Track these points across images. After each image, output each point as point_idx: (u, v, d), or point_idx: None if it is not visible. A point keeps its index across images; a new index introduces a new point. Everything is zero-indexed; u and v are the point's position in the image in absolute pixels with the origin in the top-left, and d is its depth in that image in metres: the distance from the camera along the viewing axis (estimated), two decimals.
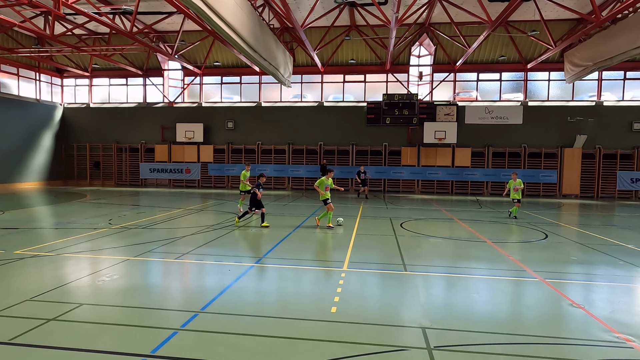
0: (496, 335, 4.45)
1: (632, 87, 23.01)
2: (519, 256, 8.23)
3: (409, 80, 24.58)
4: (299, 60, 24.78)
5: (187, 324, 4.58)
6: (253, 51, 15.81)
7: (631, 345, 4.23)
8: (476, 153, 23.83)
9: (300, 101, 25.55)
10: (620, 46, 15.97)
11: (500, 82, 23.92)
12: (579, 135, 22.63)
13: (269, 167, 25.22)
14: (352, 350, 4.02)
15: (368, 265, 7.41)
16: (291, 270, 7.02)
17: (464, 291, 6.07)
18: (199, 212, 14.57)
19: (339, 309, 5.11)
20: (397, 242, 9.45)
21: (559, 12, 19.06)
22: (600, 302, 5.68)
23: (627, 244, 9.72)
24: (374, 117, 24.13)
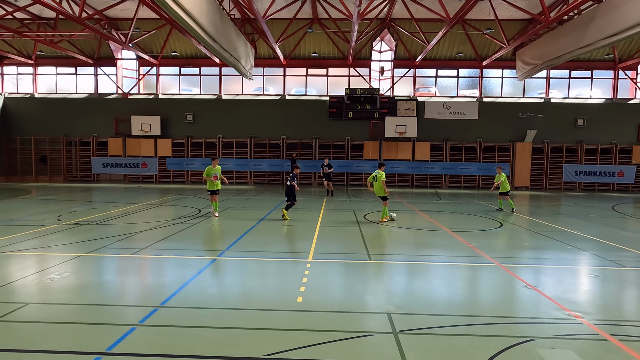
0: (458, 317, 4.58)
1: (576, 85, 24.54)
2: (476, 243, 8.55)
3: (370, 75, 24.85)
4: (261, 53, 24.39)
5: (146, 319, 4.37)
6: (213, 41, 15.34)
7: (581, 321, 4.49)
8: (435, 147, 24.54)
9: (262, 94, 25.17)
10: (566, 46, 16.94)
11: (458, 78, 24.73)
12: (529, 131, 23.87)
13: (231, 161, 24.70)
14: (319, 337, 3.99)
15: (333, 255, 7.41)
16: (255, 263, 6.89)
17: (426, 277, 6.21)
18: (157, 207, 14.01)
19: (305, 299, 5.06)
20: (361, 232, 9.54)
21: (511, 12, 19.91)
22: (551, 283, 6.01)
23: (573, 230, 10.37)
24: (336, 111, 24.22)
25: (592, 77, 24.31)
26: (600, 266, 7.00)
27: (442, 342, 3.95)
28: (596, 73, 24.25)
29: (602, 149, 24.06)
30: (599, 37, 14.69)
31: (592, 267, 7.00)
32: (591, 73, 24.25)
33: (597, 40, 14.90)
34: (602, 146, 24.00)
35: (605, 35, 14.38)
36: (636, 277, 6.44)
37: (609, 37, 14.28)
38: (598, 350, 3.82)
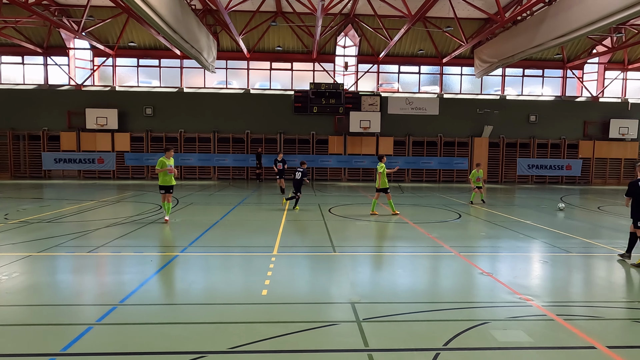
0: (418, 304, 4.74)
1: (529, 83, 25.83)
2: (436, 234, 8.86)
3: (335, 70, 24.98)
4: (224, 45, 23.88)
5: (103, 318, 4.22)
6: (173, 32, 14.86)
7: (530, 304, 4.78)
8: (398, 142, 25.08)
9: (225, 88, 24.69)
10: (520, 45, 17.78)
11: (419, 74, 25.35)
12: (486, 126, 24.90)
13: (193, 157, 24.12)
14: (284, 329, 4.02)
15: (298, 249, 7.44)
16: (219, 258, 6.80)
17: (389, 268, 6.38)
18: (115, 203, 13.47)
19: (269, 292, 5.07)
20: (325, 226, 9.62)
21: (470, 11, 20.62)
22: (505, 269, 6.34)
23: (525, 220, 10.96)
24: (301, 105, 24.19)
25: (543, 76, 25.67)
26: (550, 253, 7.46)
27: (404, 328, 4.09)
28: (547, 72, 25.62)
29: (552, 144, 25.53)
30: (549, 38, 15.52)
31: (542, 253, 7.44)
32: (542, 72, 25.59)
33: (547, 41, 15.73)
34: (552, 141, 25.45)
35: (554, 36, 15.21)
36: (581, 262, 6.91)
37: (557, 37, 15.11)
38: (545, 329, 4.09)
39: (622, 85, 25.85)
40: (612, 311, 4.66)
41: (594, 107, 25.49)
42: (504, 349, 3.67)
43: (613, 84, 25.64)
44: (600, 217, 12.03)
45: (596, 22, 13.19)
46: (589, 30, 13.71)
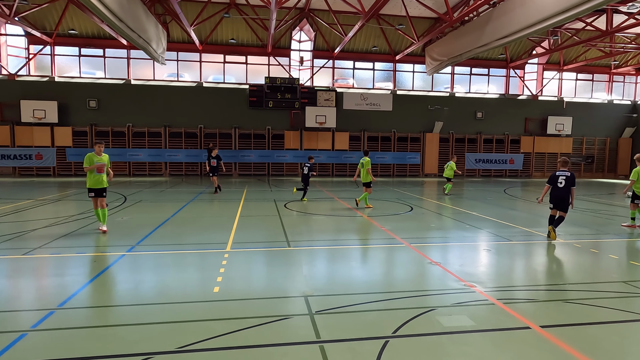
0: (370, 295, 4.85)
1: (476, 81, 27.10)
2: (389, 226, 9.10)
3: (290, 64, 24.84)
4: (174, 36, 22.99)
5: (39, 324, 3.94)
6: (118, 20, 14.08)
7: (474, 290, 5.04)
8: (353, 137, 25.45)
9: (176, 80, 23.80)
10: (467, 45, 18.59)
11: (374, 71, 25.81)
12: (437, 122, 25.87)
13: (143, 152, 23.09)
14: (236, 325, 3.96)
15: (252, 244, 7.36)
16: (169, 256, 6.57)
17: (343, 260, 6.47)
18: (55, 202, 12.60)
19: (222, 289, 4.97)
20: (281, 221, 9.58)
21: (421, 10, 21.24)
22: (452, 258, 6.64)
23: (472, 211, 11.53)
24: (256, 100, 23.86)
25: (488, 75, 27.04)
26: (493, 241, 7.90)
27: (355, 318, 4.17)
28: (492, 71, 27.01)
29: (497, 139, 27.02)
30: (494, 38, 16.34)
31: (487, 242, 7.87)
32: (488, 71, 26.95)
33: (492, 41, 16.56)
34: (496, 137, 26.92)
35: (498, 36, 16.04)
36: (522, 249, 7.38)
37: (501, 38, 15.96)
38: (486, 313, 4.33)
39: (559, 85, 27.82)
40: (546, 294, 5.02)
41: (534, 105, 27.24)
42: (448, 333, 3.84)
43: (550, 83, 27.53)
44: (539, 208, 12.90)
45: (535, 24, 14.07)
46: (528, 32, 14.59)
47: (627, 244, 7.88)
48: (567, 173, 8.05)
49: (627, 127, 28.29)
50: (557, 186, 8.03)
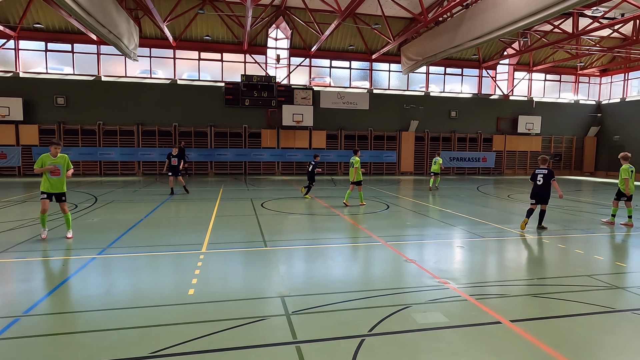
0: (346, 294, 4.88)
1: (450, 81, 27.65)
2: (366, 225, 9.19)
3: (267, 62, 24.65)
4: (147, 32, 22.41)
5: (2, 332, 3.77)
6: (87, 14, 13.60)
7: (448, 286, 5.15)
8: (330, 135, 25.51)
9: (150, 77, 23.22)
10: (442, 45, 18.93)
11: (350, 70, 25.93)
12: (413, 121, 26.25)
13: (114, 151, 22.44)
14: (211, 328, 3.90)
15: (228, 245, 7.27)
16: (142, 258, 6.41)
17: (320, 260, 6.48)
18: (21, 203, 12.09)
19: (197, 291, 4.89)
20: (257, 220, 9.51)
21: (396, 10, 21.47)
22: (427, 256, 6.76)
23: (446, 209, 11.77)
24: (232, 98, 23.58)
25: (462, 75, 27.63)
26: (467, 238, 8.09)
27: (331, 317, 4.18)
28: (465, 71, 27.61)
29: (470, 138, 27.67)
30: (467, 39, 16.70)
31: (460, 239, 8.05)
32: (461, 71, 27.54)
33: (465, 42, 16.92)
34: (470, 135, 27.57)
35: (471, 37, 16.40)
36: (493, 246, 7.59)
37: (474, 39, 16.32)
38: (459, 309, 4.43)
39: (528, 85, 28.72)
40: (516, 288, 5.18)
41: (505, 105, 28.03)
42: (422, 330, 3.91)
43: (521, 83, 28.39)
44: (510, 204, 13.30)
45: (505, 26, 14.47)
46: (499, 34, 14.98)
47: (591, 238, 8.23)
48: (544, 171, 8.72)
49: (592, 126, 29.50)
50: (537, 183, 8.77)
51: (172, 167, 13.97)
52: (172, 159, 13.98)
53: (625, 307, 4.56)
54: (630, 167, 9.47)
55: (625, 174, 9.43)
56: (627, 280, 5.57)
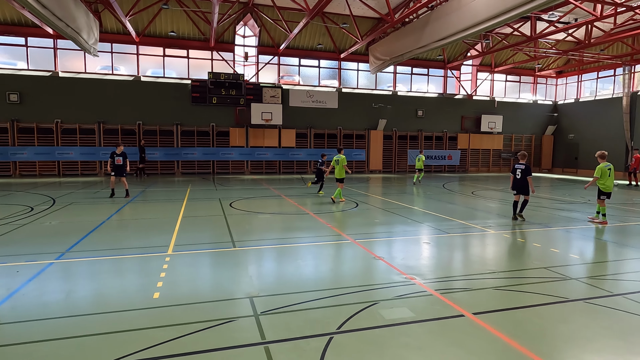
0: (316, 292, 4.91)
1: (417, 80, 28.24)
2: (335, 223, 9.25)
3: (234, 60, 24.29)
4: (108, 27, 21.54)
5: None
6: (42, 7, 12.91)
7: (414, 282, 5.28)
8: (300, 134, 25.48)
9: (111, 74, 22.34)
10: (408, 45, 19.30)
11: (319, 68, 25.99)
12: (381, 120, 26.64)
13: (74, 150, 21.46)
14: (177, 331, 3.82)
15: (195, 246, 7.13)
16: (104, 262, 6.18)
17: (289, 259, 6.47)
18: None
19: (162, 294, 4.77)
20: (226, 221, 9.38)
21: (364, 10, 21.69)
22: (395, 252, 6.90)
23: (414, 206, 12.04)
24: (199, 95, 23.08)
25: (428, 75, 28.29)
26: (433, 234, 8.31)
27: (300, 316, 4.19)
28: (431, 71, 28.28)
29: (436, 136, 28.39)
30: (432, 40, 17.11)
31: (426, 235, 8.26)
32: (427, 71, 28.18)
33: (430, 42, 17.32)
34: (436, 134, 28.29)
35: (436, 38, 16.81)
36: (458, 241, 7.83)
37: (439, 40, 16.74)
38: (425, 304, 4.56)
39: (490, 86, 29.79)
40: (479, 282, 5.38)
41: (469, 104, 28.95)
42: (390, 325, 3.99)
43: (484, 84, 29.40)
44: (474, 201, 13.77)
45: (468, 28, 14.93)
46: (463, 35, 15.44)
47: (549, 233, 8.65)
48: (522, 166, 9.73)
49: (549, 125, 30.99)
50: (516, 177, 9.77)
51: (115, 167, 13.07)
52: (115, 158, 13.05)
53: (578, 297, 4.84)
54: (606, 165, 9.49)
55: (597, 172, 9.49)
56: (579, 271, 5.91)
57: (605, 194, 9.51)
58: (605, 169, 9.49)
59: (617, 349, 3.63)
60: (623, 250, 7.35)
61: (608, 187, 9.47)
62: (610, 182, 9.50)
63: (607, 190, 9.48)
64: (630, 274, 5.97)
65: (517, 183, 9.79)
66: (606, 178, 9.47)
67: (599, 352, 3.56)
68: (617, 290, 5.13)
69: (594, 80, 28.81)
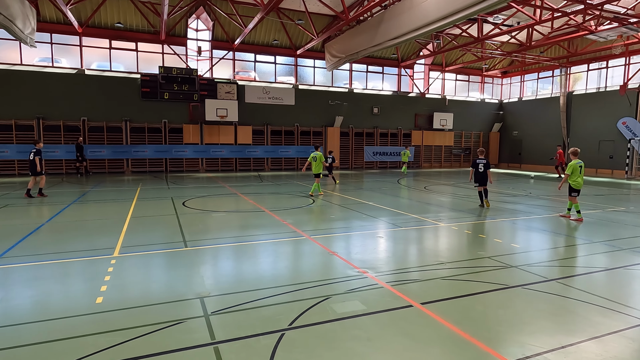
0: (269, 290, 4.87)
1: (372, 78, 28.75)
2: (291, 220, 9.24)
3: (187, 54, 23.52)
4: (47, 16, 20.11)
5: None
6: None
7: (366, 275, 5.39)
8: (256, 131, 25.17)
9: (51, 66, 20.90)
10: (363, 43, 19.59)
11: (275, 64, 25.76)
12: (338, 117, 26.89)
13: (9, 148, 19.89)
14: (121, 336, 3.66)
15: (144, 247, 6.85)
16: (43, 267, 5.78)
17: (242, 258, 6.38)
18: None
19: (106, 299, 4.55)
20: (178, 220, 9.09)
21: (319, 7, 21.73)
22: (349, 247, 7.00)
23: (369, 201, 12.28)
24: (150, 91, 22.14)
25: (383, 73, 28.89)
26: (386, 229, 8.52)
27: (252, 315, 4.15)
28: (386, 69, 28.91)
29: (391, 133, 29.10)
30: (386, 39, 17.47)
31: (380, 230, 8.45)
32: (382, 69, 28.78)
33: (384, 41, 17.68)
34: (391, 131, 28.99)
35: (389, 37, 17.18)
36: (411, 235, 8.08)
37: (392, 39, 17.12)
38: (376, 296, 4.67)
39: (442, 84, 30.93)
40: (428, 273, 5.58)
41: (422, 102, 29.91)
42: (341, 319, 4.05)
43: (435, 82, 30.48)
44: (427, 196, 14.27)
45: (420, 28, 15.38)
46: (415, 35, 15.90)
47: (494, 224, 9.14)
48: (484, 160, 11.15)
49: (496, 122, 32.71)
50: (479, 170, 11.12)
51: (32, 165, 12.39)
52: (35, 157, 12.38)
53: (517, 283, 5.16)
54: (578, 163, 9.43)
55: (569, 170, 9.44)
56: (519, 259, 6.29)
57: (575, 190, 9.52)
58: (576, 166, 9.43)
59: (549, 329, 3.90)
60: (558, 239, 7.91)
61: (579, 183, 9.49)
62: (581, 179, 9.50)
63: (577, 187, 9.50)
64: (563, 260, 6.45)
65: (478, 175, 11.15)
66: (577, 175, 9.45)
67: (534, 333, 3.81)
68: (552, 275, 5.52)
69: (535, 80, 30.74)
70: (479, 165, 11.11)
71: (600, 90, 25.87)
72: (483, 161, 11.13)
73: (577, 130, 26.92)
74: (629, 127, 23.72)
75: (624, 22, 18.44)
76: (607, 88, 25.43)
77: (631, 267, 5.98)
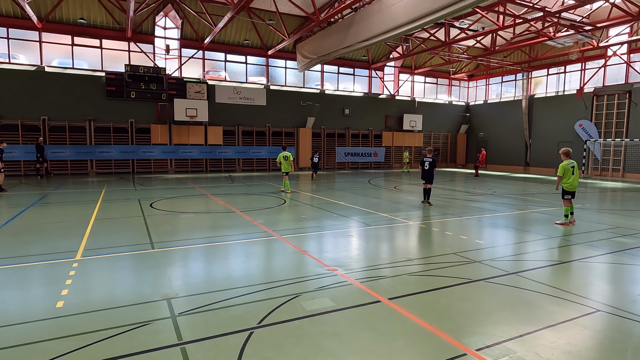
0: (238, 289, 4.84)
1: (343, 80, 29.01)
2: (262, 220, 9.20)
3: (155, 52, 22.95)
4: (3, 9, 19.13)
5: None
6: None
7: (336, 273, 5.45)
8: (227, 131, 24.87)
9: (8, 62, 19.88)
10: (334, 45, 19.77)
11: (246, 64, 25.54)
12: (309, 117, 26.96)
13: None
14: (81, 341, 3.54)
15: (108, 250, 6.64)
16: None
17: (211, 258, 6.30)
18: None
19: (67, 303, 4.39)
20: (145, 222, 8.86)
21: (290, 8, 21.74)
22: (320, 246, 7.04)
23: (340, 201, 12.39)
24: (115, 89, 21.46)
25: (354, 74, 29.20)
26: (356, 227, 8.63)
27: (220, 314, 4.12)
28: (357, 71, 29.24)
29: (363, 134, 29.45)
30: (356, 41, 17.71)
31: (350, 229, 8.55)
32: (353, 71, 29.09)
33: (354, 43, 17.92)
34: (362, 132, 29.34)
35: (359, 39, 17.43)
36: (380, 233, 8.21)
37: (362, 41, 17.38)
38: (345, 293, 4.73)
39: (411, 87, 31.60)
40: (395, 270, 5.70)
41: (392, 104, 30.44)
42: (311, 316, 4.08)
43: (405, 85, 31.09)
44: (397, 195, 14.54)
45: (389, 31, 15.70)
46: (384, 38, 16.20)
47: (460, 222, 9.43)
48: (430, 159, 11.58)
49: (463, 124, 33.72)
50: (424, 169, 11.60)
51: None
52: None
53: (479, 277, 5.35)
54: (569, 163, 8.82)
55: (560, 171, 8.83)
56: (482, 255, 6.53)
57: (569, 193, 8.84)
58: (568, 166, 8.79)
59: (508, 319, 4.08)
60: (520, 235, 8.26)
61: (572, 185, 8.81)
62: (574, 180, 8.80)
63: (571, 189, 8.83)
64: (524, 254, 6.74)
65: (424, 173, 11.67)
66: (569, 176, 8.81)
67: (494, 324, 3.98)
68: (512, 269, 5.76)
69: (500, 84, 31.92)
70: (425, 163, 11.59)
71: (559, 93, 27.18)
72: (429, 159, 11.58)
73: (538, 132, 28.15)
74: (585, 129, 25.04)
75: (580, 29, 19.48)
76: (565, 92, 26.76)
77: (585, 259, 6.33)
